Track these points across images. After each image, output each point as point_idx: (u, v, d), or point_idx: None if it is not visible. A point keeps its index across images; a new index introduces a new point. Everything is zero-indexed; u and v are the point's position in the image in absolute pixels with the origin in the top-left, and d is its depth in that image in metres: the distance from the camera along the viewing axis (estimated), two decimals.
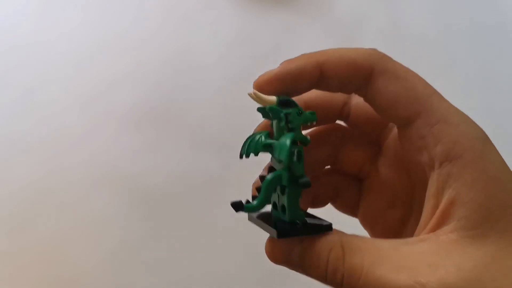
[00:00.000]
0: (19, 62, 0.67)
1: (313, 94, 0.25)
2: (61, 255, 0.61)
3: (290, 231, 0.22)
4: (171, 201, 0.63)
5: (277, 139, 0.23)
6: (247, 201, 0.22)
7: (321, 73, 0.22)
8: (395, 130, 0.26)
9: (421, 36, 0.73)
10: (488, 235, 0.20)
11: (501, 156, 0.21)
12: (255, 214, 0.24)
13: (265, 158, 0.24)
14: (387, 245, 0.21)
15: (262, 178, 0.23)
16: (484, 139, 0.21)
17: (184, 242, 0.62)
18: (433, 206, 0.21)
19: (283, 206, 0.23)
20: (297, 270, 0.22)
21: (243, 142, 0.23)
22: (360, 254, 0.20)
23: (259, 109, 0.23)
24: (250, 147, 0.23)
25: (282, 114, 0.22)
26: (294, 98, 0.23)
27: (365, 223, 0.28)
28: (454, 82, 0.70)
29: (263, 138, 0.23)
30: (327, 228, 0.22)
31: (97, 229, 0.62)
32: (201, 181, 0.64)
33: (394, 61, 0.23)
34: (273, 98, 0.22)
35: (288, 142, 0.21)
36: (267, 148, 0.23)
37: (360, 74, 0.22)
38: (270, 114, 0.23)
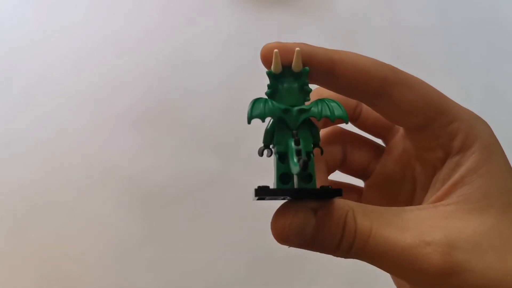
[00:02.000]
0: (18, 62, 0.67)
1: (331, 93, 0.26)
2: (60, 254, 0.61)
3: (336, 190, 0.21)
4: (171, 200, 0.63)
5: (290, 103, 0.22)
6: (309, 174, 0.21)
7: (331, 69, 0.23)
8: (401, 129, 0.27)
9: (422, 36, 0.73)
10: (486, 210, 0.21)
11: (502, 149, 0.23)
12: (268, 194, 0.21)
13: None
14: (389, 212, 0.22)
15: (297, 141, 0.21)
16: (490, 132, 0.23)
17: (184, 242, 0.62)
18: (438, 189, 0.23)
19: (309, 175, 0.21)
20: (304, 247, 0.22)
21: (249, 107, 0.22)
22: (368, 217, 0.21)
23: (271, 73, 0.23)
24: (266, 110, 0.22)
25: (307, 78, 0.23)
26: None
27: None
28: (454, 80, 0.70)
29: (274, 103, 0.22)
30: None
31: (96, 228, 0.62)
32: (200, 180, 0.64)
33: (403, 71, 0.24)
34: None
35: (339, 103, 0.22)
36: (285, 112, 0.22)
37: (371, 82, 0.23)
38: (302, 79, 0.22)
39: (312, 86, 0.24)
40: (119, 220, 0.62)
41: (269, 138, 0.23)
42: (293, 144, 0.21)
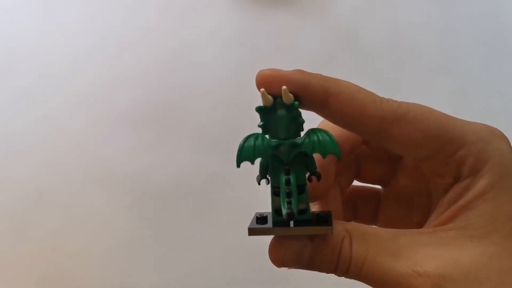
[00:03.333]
0: (19, 62, 0.67)
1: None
2: (60, 254, 0.61)
3: (327, 228, 0.22)
4: (171, 200, 0.63)
5: (283, 136, 0.22)
6: (290, 213, 0.21)
7: (325, 101, 0.22)
8: None
9: (421, 36, 0.73)
10: (490, 236, 0.20)
11: None
12: (262, 227, 0.23)
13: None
14: (387, 235, 0.22)
15: (288, 181, 0.22)
16: (504, 150, 0.22)
17: (183, 241, 0.62)
18: (442, 212, 0.22)
19: (303, 205, 0.22)
20: (302, 268, 0.23)
21: (239, 147, 0.22)
22: (364, 243, 0.21)
23: (260, 108, 0.22)
24: (256, 152, 0.22)
25: (299, 111, 0.22)
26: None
27: (385, 227, 0.29)
28: (454, 81, 0.70)
29: (265, 139, 0.22)
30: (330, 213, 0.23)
31: (97, 228, 0.62)
32: (200, 180, 0.64)
33: (404, 104, 0.22)
34: (291, 96, 0.22)
35: (332, 137, 0.22)
36: (276, 149, 0.22)
37: (368, 121, 0.22)
38: (293, 112, 0.22)
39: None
40: (118, 220, 0.62)
41: (264, 171, 0.23)
42: (284, 180, 0.22)
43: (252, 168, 0.26)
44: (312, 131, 0.22)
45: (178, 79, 0.68)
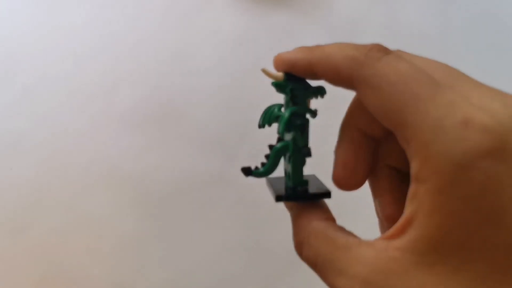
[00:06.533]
0: (19, 61, 0.67)
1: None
2: (60, 255, 0.61)
3: (289, 196, 0.24)
4: (171, 200, 0.63)
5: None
6: (256, 167, 0.25)
7: (313, 72, 0.23)
8: None
9: (421, 36, 0.73)
10: (435, 267, 0.18)
11: (476, 184, 0.18)
12: (271, 179, 0.26)
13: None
14: (343, 243, 0.21)
15: (270, 147, 0.25)
16: (456, 163, 0.18)
17: (185, 241, 0.62)
18: (399, 217, 0.21)
19: (288, 173, 0.25)
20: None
21: (263, 112, 0.25)
22: (316, 249, 0.22)
23: (273, 84, 0.25)
24: (265, 119, 0.25)
25: (287, 89, 0.24)
26: None
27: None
28: None
29: (276, 110, 0.25)
30: (325, 195, 0.24)
31: (97, 228, 0.62)
32: (201, 180, 0.64)
33: (375, 65, 0.20)
34: (280, 74, 0.24)
35: (287, 114, 0.24)
36: (277, 119, 0.25)
37: (343, 83, 0.22)
38: (276, 88, 0.24)
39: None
40: (119, 220, 0.62)
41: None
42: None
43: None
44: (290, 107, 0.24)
45: (178, 79, 0.68)
